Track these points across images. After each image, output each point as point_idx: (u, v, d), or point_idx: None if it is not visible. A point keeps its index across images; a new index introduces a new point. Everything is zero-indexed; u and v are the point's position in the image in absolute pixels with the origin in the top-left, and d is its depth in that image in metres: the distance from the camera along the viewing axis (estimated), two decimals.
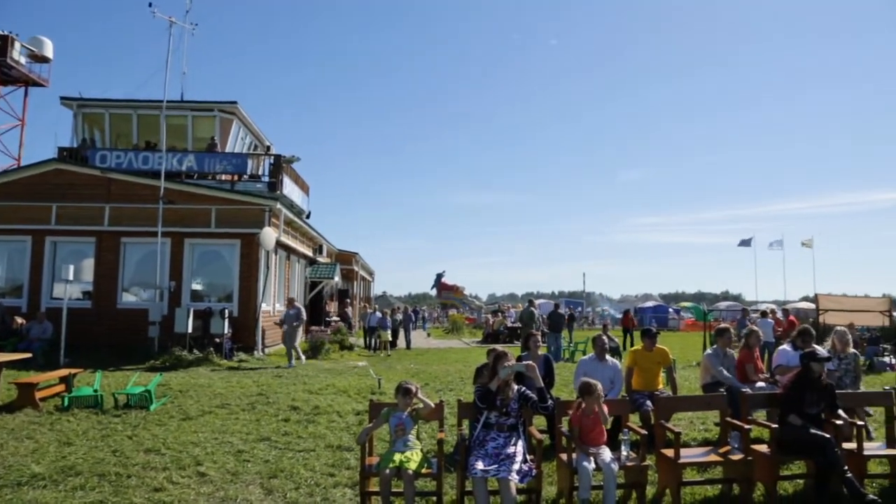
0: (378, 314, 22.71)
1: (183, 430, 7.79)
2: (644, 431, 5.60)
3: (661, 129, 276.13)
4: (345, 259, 32.61)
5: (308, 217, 23.93)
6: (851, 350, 7.91)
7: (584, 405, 5.37)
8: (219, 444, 7.16)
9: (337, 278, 26.66)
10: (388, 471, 4.90)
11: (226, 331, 15.98)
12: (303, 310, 16.79)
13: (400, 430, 5.28)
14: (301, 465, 6.42)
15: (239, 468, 6.29)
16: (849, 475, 5.16)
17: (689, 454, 5.74)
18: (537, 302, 28.49)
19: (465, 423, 5.57)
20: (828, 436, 5.41)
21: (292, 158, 20.94)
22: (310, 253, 24.60)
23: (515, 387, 5.29)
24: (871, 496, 5.10)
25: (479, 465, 4.77)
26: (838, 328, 8.22)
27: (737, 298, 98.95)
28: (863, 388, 7.84)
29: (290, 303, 16.77)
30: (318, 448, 7.07)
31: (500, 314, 35.68)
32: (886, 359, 17.16)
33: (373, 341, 22.20)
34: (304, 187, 23.31)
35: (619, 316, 58.27)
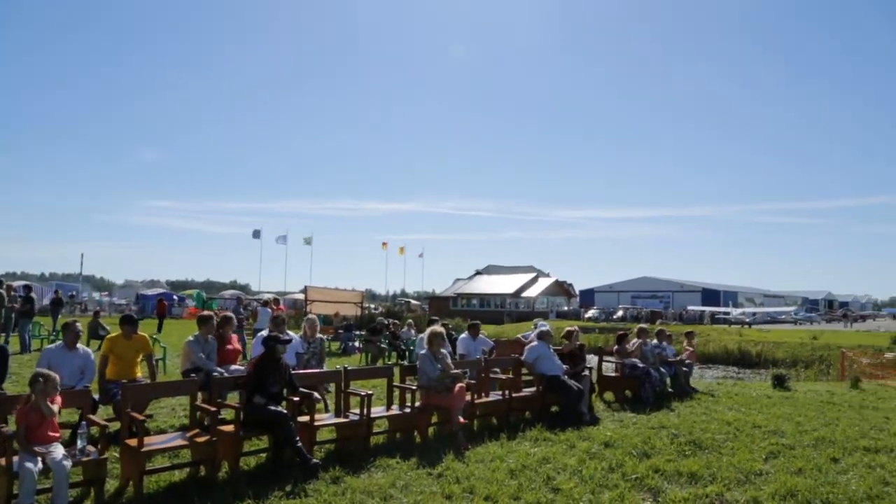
0: None
1: None
2: (104, 423, 5.32)
3: (181, 109, 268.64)
4: None
5: None
6: (319, 335, 8.98)
7: (33, 399, 4.83)
8: None
9: None
10: None
11: None
12: None
13: None
14: None
15: None
16: (299, 444, 5.81)
17: (156, 441, 5.70)
18: (16, 284, 24.80)
19: None
20: (285, 411, 6.01)
21: None
22: None
23: None
24: (315, 460, 5.84)
25: None
26: (309, 316, 9.26)
27: (244, 288, 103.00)
28: (326, 368, 8.92)
29: None
30: None
31: None
32: (357, 343, 19.97)
33: None
34: None
35: (119, 302, 54.91)
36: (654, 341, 12.23)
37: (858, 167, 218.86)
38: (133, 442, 5.23)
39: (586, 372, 9.66)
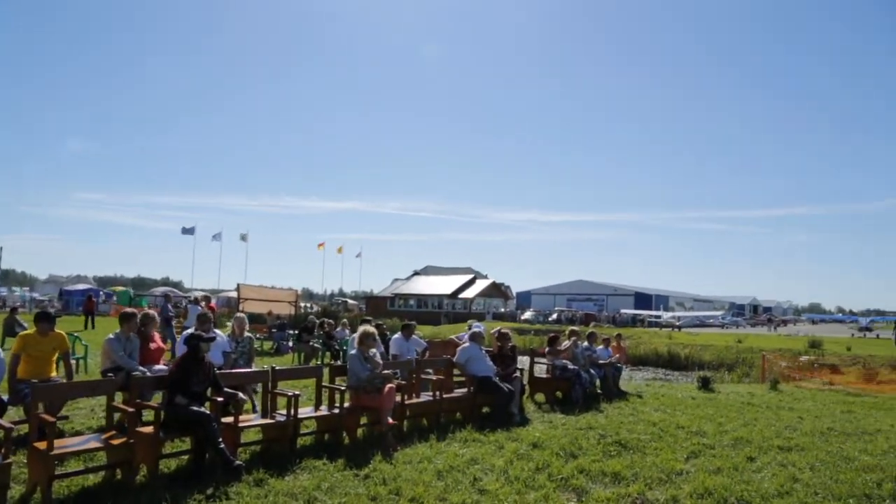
0: None
1: None
2: (9, 425, 5.05)
3: (112, 99, 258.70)
4: None
5: None
6: (247, 334, 8.78)
7: None
8: None
9: None
10: None
11: None
12: None
13: None
14: None
15: None
16: (221, 446, 5.64)
17: (69, 444, 5.44)
18: None
19: None
20: (207, 412, 5.84)
21: None
22: None
23: None
24: (238, 462, 5.69)
25: None
26: (237, 315, 9.04)
27: (176, 285, 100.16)
28: (254, 368, 8.72)
29: None
30: None
31: None
32: (290, 343, 19.56)
33: None
34: None
35: (41, 298, 52.50)
36: (585, 343, 12.44)
37: (783, 179, 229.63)
38: (42, 445, 4.98)
39: (517, 373, 9.75)
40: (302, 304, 30.61)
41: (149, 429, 5.72)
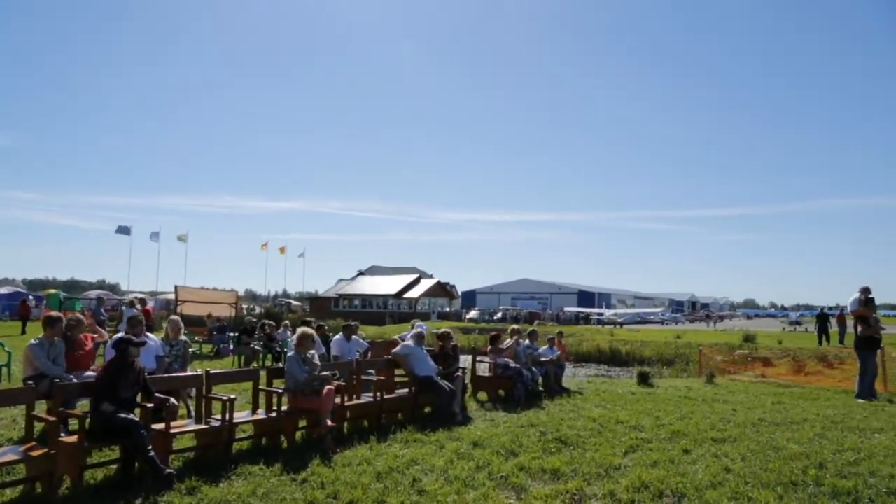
0: None
1: None
2: None
3: (42, 89, 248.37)
4: None
5: None
6: (182, 337, 8.51)
7: None
8: None
9: None
10: None
11: None
12: None
13: None
14: None
15: None
16: (151, 454, 5.44)
17: None
18: None
19: None
20: (136, 419, 5.61)
21: None
22: None
23: None
24: (169, 470, 5.50)
25: None
26: (171, 317, 8.75)
27: (112, 288, 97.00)
28: (190, 372, 8.45)
29: None
30: None
31: None
32: (231, 346, 19.13)
33: None
34: None
35: None
36: (527, 341, 12.53)
37: (718, 180, 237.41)
38: None
39: (459, 372, 9.74)
40: (244, 306, 30.01)
41: (72, 438, 5.48)
